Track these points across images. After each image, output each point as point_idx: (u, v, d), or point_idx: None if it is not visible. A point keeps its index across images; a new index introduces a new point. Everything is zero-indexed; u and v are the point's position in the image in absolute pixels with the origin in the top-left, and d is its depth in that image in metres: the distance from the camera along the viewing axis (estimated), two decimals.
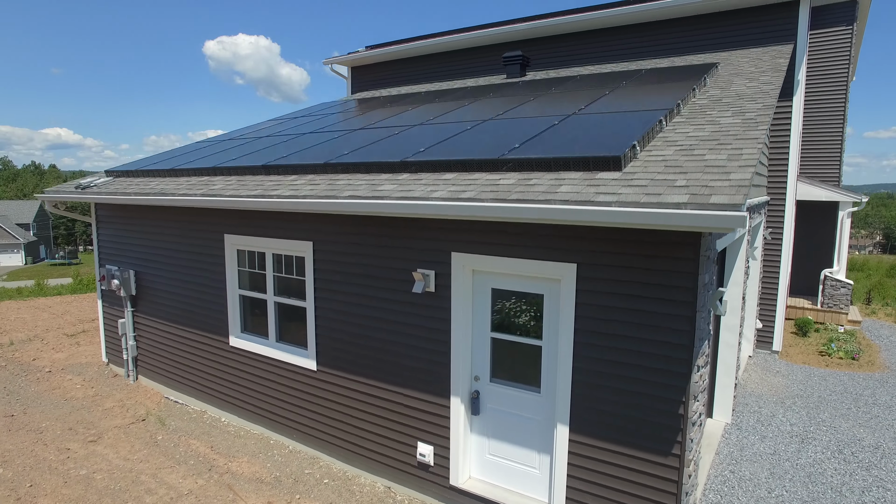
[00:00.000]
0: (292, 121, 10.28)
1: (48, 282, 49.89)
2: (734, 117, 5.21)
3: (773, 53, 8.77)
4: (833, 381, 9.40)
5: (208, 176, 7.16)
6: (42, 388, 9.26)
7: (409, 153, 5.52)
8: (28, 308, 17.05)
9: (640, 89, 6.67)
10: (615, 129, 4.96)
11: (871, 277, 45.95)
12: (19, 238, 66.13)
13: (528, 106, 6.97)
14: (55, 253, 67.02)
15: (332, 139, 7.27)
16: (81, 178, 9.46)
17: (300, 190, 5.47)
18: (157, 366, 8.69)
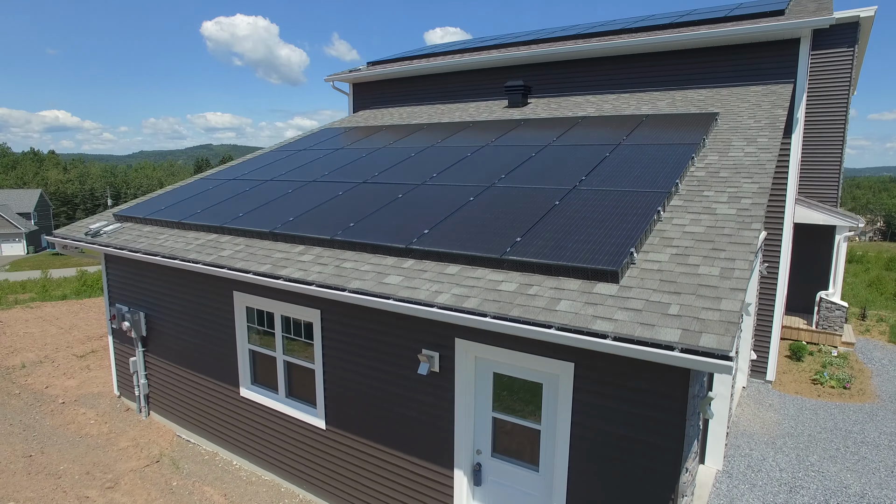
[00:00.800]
0: (297, 156, 10.39)
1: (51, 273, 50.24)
2: (730, 205, 5.36)
3: (773, 98, 8.85)
4: (824, 416, 9.69)
5: (216, 234, 7.34)
6: (57, 423, 9.56)
7: (412, 236, 5.68)
8: (35, 320, 17.33)
9: (640, 155, 6.80)
10: (614, 225, 5.12)
11: (869, 271, 46.30)
12: (21, 227, 66.29)
13: (529, 168, 7.11)
14: None
15: (336, 197, 7.41)
16: (91, 219, 9.63)
17: (308, 272, 5.66)
18: (169, 404, 8.97)
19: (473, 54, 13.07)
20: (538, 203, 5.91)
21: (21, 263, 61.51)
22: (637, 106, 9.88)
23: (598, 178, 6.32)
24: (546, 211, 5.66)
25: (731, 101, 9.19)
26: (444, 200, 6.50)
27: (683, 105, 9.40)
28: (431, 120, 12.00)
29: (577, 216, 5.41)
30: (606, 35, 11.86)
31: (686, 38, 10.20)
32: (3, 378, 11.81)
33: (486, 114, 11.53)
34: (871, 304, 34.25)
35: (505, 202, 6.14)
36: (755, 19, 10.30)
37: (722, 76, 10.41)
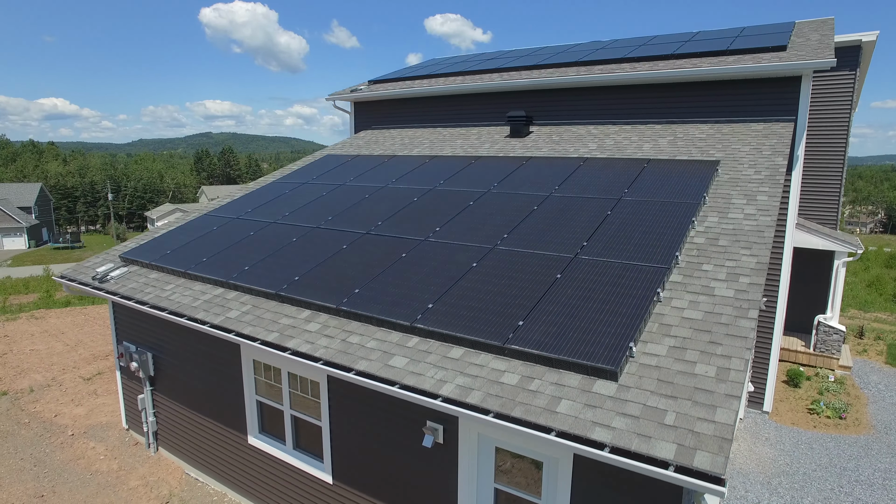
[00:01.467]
0: (300, 191, 10.46)
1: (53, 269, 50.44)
2: (728, 284, 5.47)
3: (774, 141, 8.90)
4: (819, 450, 9.88)
5: (223, 289, 7.45)
6: (67, 457, 9.77)
7: (417, 312, 5.80)
8: (41, 335, 17.52)
9: (642, 216, 6.89)
10: (614, 309, 5.24)
11: (869, 270, 46.37)
12: (22, 222, 66.44)
13: (530, 226, 7.21)
14: (58, 237, 67.32)
15: (340, 252, 7.51)
16: (97, 258, 9.74)
17: (315, 346, 5.79)
18: (178, 442, 9.16)
19: (475, 78, 13.06)
20: (540, 275, 6.02)
21: (23, 258, 61.74)
22: (639, 143, 9.93)
23: (599, 243, 6.42)
24: (548, 286, 5.77)
25: (732, 142, 9.24)
26: (448, 265, 6.60)
27: (685, 145, 9.46)
28: (433, 148, 12.05)
29: (578, 295, 5.52)
30: (608, 63, 11.87)
31: (687, 74, 10.23)
32: (12, 405, 12.02)
33: (487, 144, 11.58)
34: (871, 305, 34.41)
35: (507, 271, 6.25)
36: (757, 54, 10.32)
37: (723, 110, 10.45)
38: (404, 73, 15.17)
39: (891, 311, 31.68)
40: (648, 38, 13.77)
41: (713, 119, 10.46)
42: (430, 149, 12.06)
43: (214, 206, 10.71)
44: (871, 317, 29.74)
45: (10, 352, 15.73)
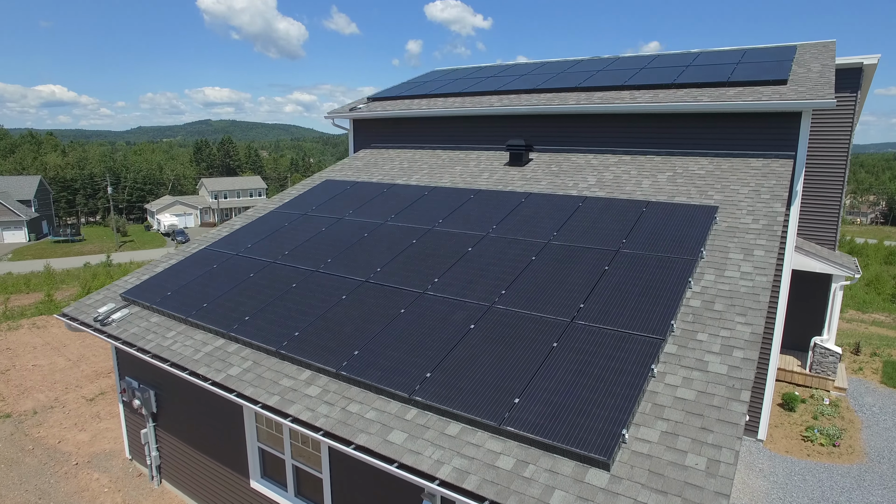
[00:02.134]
0: (298, 225, 10.50)
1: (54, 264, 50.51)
2: (722, 359, 5.55)
3: (773, 183, 8.92)
4: (812, 482, 10.03)
5: (224, 340, 7.54)
6: (71, 489, 9.93)
7: (416, 381, 5.89)
8: (43, 348, 17.65)
9: (639, 273, 6.94)
10: (608, 388, 5.32)
11: (868, 267, 46.31)
12: (21, 215, 66.46)
13: (528, 281, 7.27)
14: (58, 230, 67.37)
15: (339, 303, 7.58)
16: (98, 294, 9.80)
17: (316, 413, 5.88)
18: (181, 477, 9.31)
19: (474, 101, 13.01)
20: (536, 342, 6.09)
21: (24, 252, 61.86)
22: (638, 179, 9.95)
23: (596, 305, 6.48)
24: (544, 356, 5.85)
25: (731, 181, 9.25)
26: (445, 325, 6.67)
27: (683, 183, 9.48)
28: (432, 175, 12.06)
29: (574, 369, 5.60)
30: (608, 90, 11.84)
31: (687, 107, 10.21)
32: (16, 429, 12.18)
33: (486, 173, 11.58)
34: (869, 305, 34.49)
35: (504, 336, 6.32)
36: (757, 87, 10.31)
37: (723, 143, 10.45)
38: (403, 91, 15.11)
39: (889, 311, 31.82)
40: (650, 59, 13.70)
41: (713, 152, 10.46)
42: (428, 176, 12.07)
43: (214, 239, 10.74)
44: (870, 318, 29.88)
45: (12, 367, 15.87)
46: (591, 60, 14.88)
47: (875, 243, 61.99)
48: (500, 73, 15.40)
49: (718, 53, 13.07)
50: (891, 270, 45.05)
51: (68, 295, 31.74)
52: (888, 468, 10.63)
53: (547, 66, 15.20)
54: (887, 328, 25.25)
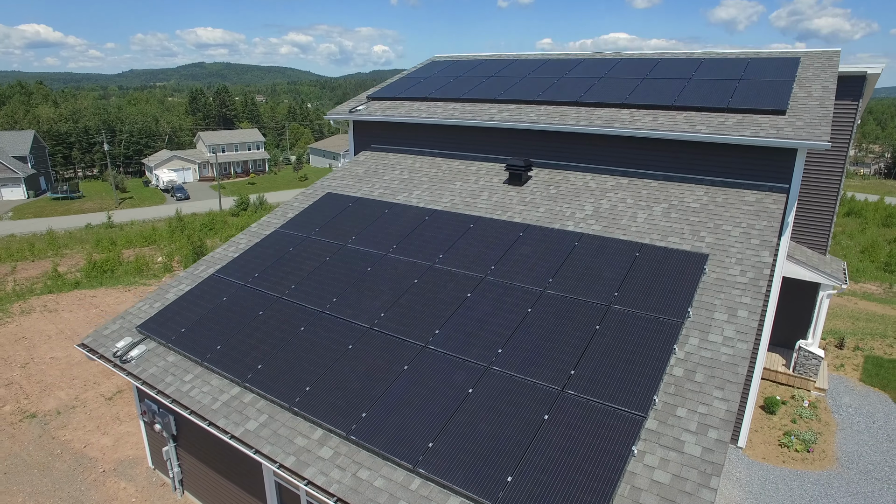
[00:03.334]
0: (301, 253, 10.81)
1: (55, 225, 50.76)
2: (698, 438, 6.07)
3: (763, 224, 9.20)
4: (784, 490, 10.86)
5: (239, 388, 8.05)
6: (101, 498, 10.76)
7: (419, 452, 6.45)
8: (58, 337, 18.32)
9: (627, 336, 7.37)
10: (592, 469, 5.87)
11: (865, 231, 46.47)
12: (18, 172, 66.11)
13: (522, 341, 7.71)
14: (56, 187, 67.12)
15: (346, 354, 8.05)
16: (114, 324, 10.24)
17: (329, 478, 6.47)
18: (202, 493, 10.11)
19: (473, 109, 12.99)
20: (530, 410, 6.61)
21: (24, 210, 61.91)
22: (634, 211, 10.20)
23: (586, 373, 6.95)
24: (537, 428, 6.37)
25: (724, 218, 9.52)
26: (446, 387, 7.17)
27: (678, 218, 9.74)
28: (433, 191, 12.26)
29: (562, 446, 6.14)
30: (608, 107, 11.87)
31: (685, 136, 10.33)
32: (43, 430, 12.96)
33: (486, 193, 11.78)
34: (862, 274, 35.08)
35: (500, 403, 6.83)
36: (756, 115, 10.39)
37: (719, 171, 10.62)
38: (402, 91, 14.99)
39: (881, 280, 32.40)
40: (652, 65, 13.55)
41: (709, 179, 10.65)
42: (429, 192, 12.27)
43: (221, 265, 11.08)
44: (861, 290, 30.58)
45: (31, 361, 16.58)
46: (592, 61, 14.68)
47: (875, 201, 61.70)
48: (500, 70, 15.22)
49: (722, 63, 12.92)
50: (888, 234, 45.15)
51: (73, 265, 32.28)
52: (856, 474, 11.46)
53: (548, 65, 15.01)
54: (877, 302, 25.89)
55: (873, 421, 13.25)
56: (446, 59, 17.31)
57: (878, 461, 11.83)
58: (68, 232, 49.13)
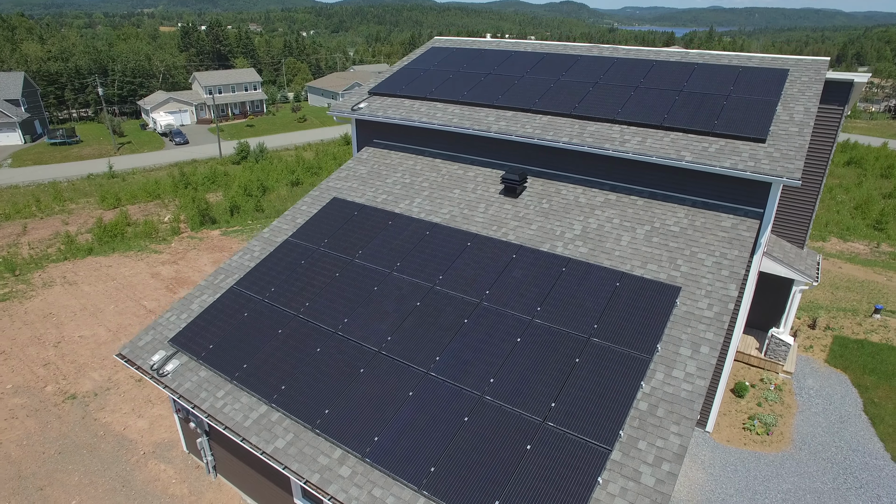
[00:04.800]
0: (311, 264, 11.76)
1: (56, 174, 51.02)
2: (654, 470, 7.32)
3: (735, 253, 10.11)
4: (742, 472, 12.41)
5: (267, 407, 9.29)
6: (145, 478, 12.34)
7: (422, 475, 7.74)
8: (82, 313, 19.60)
9: (602, 370, 8.50)
10: (568, 490, 7.16)
11: (862, 185, 46.43)
12: (12, 116, 65.49)
13: (511, 370, 8.85)
14: (53, 132, 66.67)
15: (358, 378, 9.23)
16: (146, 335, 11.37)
17: (349, 496, 7.81)
18: (234, 477, 11.65)
19: (473, 115, 13.48)
20: (513, 441, 7.85)
21: (22, 157, 61.84)
22: (619, 233, 11.07)
23: (564, 407, 8.14)
24: (520, 457, 7.63)
25: (700, 245, 10.42)
26: (445, 414, 8.38)
27: (658, 243, 10.64)
28: (433, 199, 13.04)
29: (540, 475, 7.41)
30: (601, 121, 12.43)
31: (670, 163, 11.02)
32: (84, 412, 14.45)
33: (483, 204, 12.57)
34: (853, 232, 36.01)
35: (489, 435, 8.06)
36: (738, 142, 11.05)
37: (701, 192, 11.37)
38: (403, 86, 15.34)
39: (871, 238, 33.32)
40: (647, 69, 13.89)
41: (690, 200, 11.43)
42: (429, 200, 13.05)
43: (239, 275, 12.06)
44: (849, 249, 31.65)
45: (62, 340, 17.93)
46: (588, 59, 14.94)
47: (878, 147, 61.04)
48: (499, 65, 15.50)
49: (713, 71, 13.27)
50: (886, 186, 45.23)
51: (82, 224, 33.18)
52: (806, 455, 13.00)
53: (546, 61, 15.27)
54: (861, 265, 26.98)
55: (830, 403, 14.71)
56: (446, 47, 17.44)
57: (827, 442, 13.36)
58: (71, 183, 49.52)
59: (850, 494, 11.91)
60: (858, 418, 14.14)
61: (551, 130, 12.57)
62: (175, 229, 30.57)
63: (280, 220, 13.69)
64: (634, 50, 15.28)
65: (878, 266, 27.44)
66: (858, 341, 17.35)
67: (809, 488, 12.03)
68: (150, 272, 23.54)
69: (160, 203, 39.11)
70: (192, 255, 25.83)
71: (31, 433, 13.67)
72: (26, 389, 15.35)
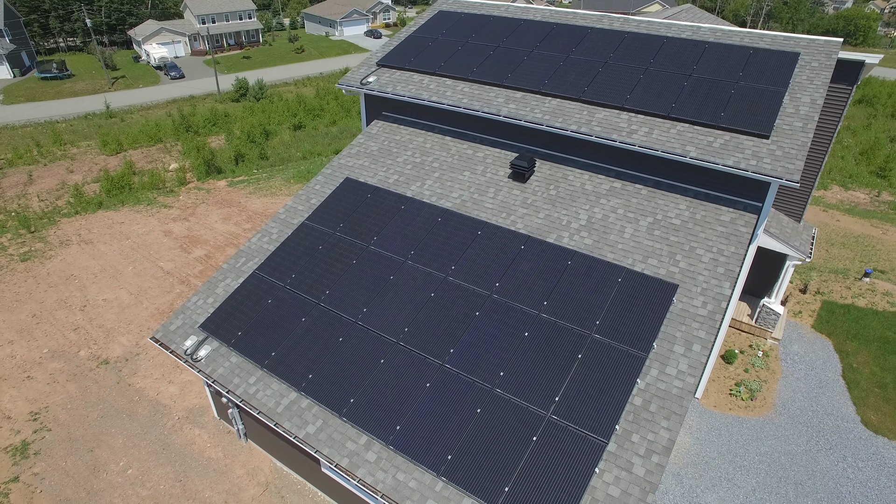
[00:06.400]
0: (328, 248, 12.37)
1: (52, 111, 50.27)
2: (644, 462, 8.32)
3: (731, 250, 10.70)
4: (725, 435, 13.64)
5: (296, 394, 10.23)
6: (183, 442, 13.59)
7: (441, 462, 8.77)
8: (102, 276, 20.42)
9: (601, 367, 9.35)
10: (565, 490, 8.20)
11: (871, 127, 45.51)
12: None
13: (517, 365, 9.69)
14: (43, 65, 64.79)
15: (379, 368, 10.11)
16: (177, 320, 12.14)
17: (376, 479, 8.88)
18: (263, 443, 12.86)
19: (482, 95, 13.57)
20: (520, 432, 8.81)
21: (14, 92, 60.53)
22: (622, 224, 11.59)
23: (566, 402, 9.05)
24: (527, 449, 8.63)
25: (699, 241, 10.98)
26: (459, 406, 9.32)
27: (660, 236, 11.20)
28: (443, 181, 13.43)
29: (545, 465, 8.42)
30: (609, 108, 12.62)
31: (675, 158, 11.35)
32: (118, 377, 15.57)
33: (493, 189, 12.99)
34: (855, 180, 36.18)
35: (497, 422, 9.01)
36: (742, 136, 11.34)
37: (704, 183, 11.78)
38: (411, 58, 15.23)
39: (872, 187, 33.51)
40: (658, 45, 13.80)
41: (693, 192, 11.86)
42: (440, 182, 13.44)
43: (259, 259, 12.68)
44: (850, 199, 32.05)
45: (87, 303, 18.83)
46: (598, 33, 14.74)
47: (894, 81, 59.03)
48: (508, 37, 15.31)
49: (724, 52, 13.20)
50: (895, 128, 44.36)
51: (87, 172, 33.30)
52: (786, 419, 14.21)
53: (555, 34, 15.08)
54: (860, 217, 27.46)
55: (812, 368, 15.80)
56: (454, 12, 17.05)
57: (805, 406, 14.54)
58: (69, 123, 48.92)
59: (820, 455, 13.19)
60: (836, 383, 15.26)
61: (560, 117, 12.75)
62: (181, 179, 30.78)
63: (295, 199, 14.12)
64: (645, 23, 15.04)
65: (875, 218, 27.80)
66: (845, 306, 18.24)
67: (784, 450, 13.29)
68: (163, 230, 24.11)
69: (163, 148, 38.92)
70: (202, 210, 26.28)
71: (73, 397, 14.84)
72: (62, 354, 16.41)
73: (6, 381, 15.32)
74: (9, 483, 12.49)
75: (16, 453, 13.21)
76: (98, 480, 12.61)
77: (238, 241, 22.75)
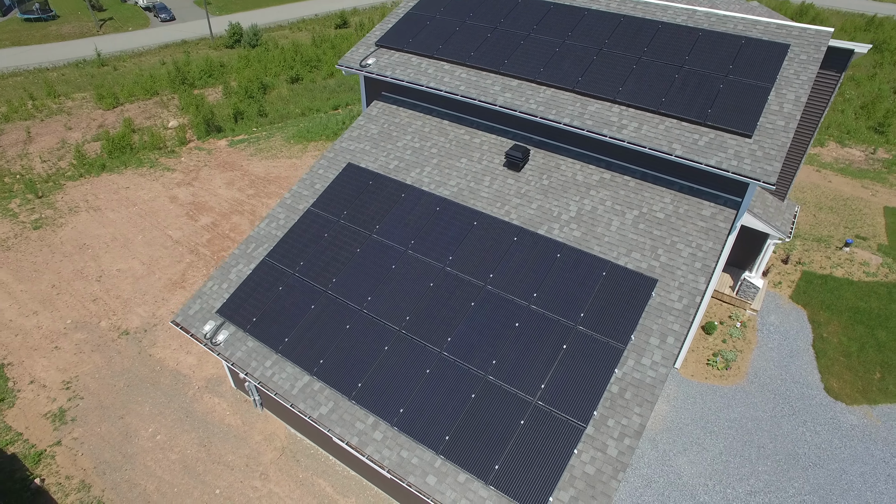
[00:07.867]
0: (333, 236, 13.16)
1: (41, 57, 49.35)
2: (618, 444, 9.50)
3: (708, 245, 11.52)
4: (699, 403, 14.96)
5: (309, 377, 11.35)
6: (204, 410, 14.91)
7: (440, 442, 9.99)
8: (113, 244, 21.26)
9: (583, 357, 10.39)
10: (546, 465, 9.43)
11: (875, 78, 44.50)
12: None
13: (510, 352, 10.73)
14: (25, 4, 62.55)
15: (384, 353, 11.17)
16: (194, 304, 13.09)
17: (383, 456, 10.13)
18: (279, 412, 14.16)
19: (479, 81, 13.94)
20: (511, 414, 9.97)
21: None
22: (609, 217, 12.34)
23: (551, 388, 10.15)
24: (517, 430, 9.80)
25: (680, 235, 11.77)
26: (456, 392, 10.44)
27: (645, 230, 11.98)
28: (441, 169, 14.04)
29: (531, 446, 9.62)
30: (602, 100, 13.05)
31: (662, 155, 11.95)
32: (139, 348, 16.74)
33: (489, 177, 13.63)
34: (853, 136, 36.41)
35: (491, 405, 10.15)
36: (726, 134, 11.92)
37: (688, 177, 12.44)
38: (409, 39, 15.39)
39: (869, 143, 33.70)
40: (653, 31, 14.01)
41: (678, 185, 12.52)
42: (438, 169, 14.05)
43: (268, 245, 13.49)
44: (845, 157, 32.45)
45: (103, 274, 19.76)
46: (595, 16, 14.85)
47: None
48: (505, 16, 15.41)
49: (716, 42, 13.44)
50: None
51: (86, 129, 33.42)
52: (756, 388, 15.50)
53: (552, 14, 15.17)
54: (851, 177, 27.95)
55: (785, 338, 16.96)
56: None
57: (776, 375, 15.80)
58: (60, 72, 48.11)
59: (783, 420, 14.56)
60: (806, 353, 16.47)
61: (554, 108, 13.18)
62: (182, 139, 30.96)
63: (300, 184, 14.74)
64: (642, 4, 15.09)
65: (867, 178, 28.14)
66: (823, 276, 19.20)
67: (751, 416, 14.65)
68: (168, 195, 24.69)
69: (159, 102, 38.71)
70: (205, 174, 26.74)
71: (99, 367, 16.05)
72: (84, 325, 17.51)
73: (37, 352, 16.49)
74: (53, 447, 13.87)
75: (55, 419, 14.54)
76: (131, 445, 13.99)
77: (242, 208, 23.41)
